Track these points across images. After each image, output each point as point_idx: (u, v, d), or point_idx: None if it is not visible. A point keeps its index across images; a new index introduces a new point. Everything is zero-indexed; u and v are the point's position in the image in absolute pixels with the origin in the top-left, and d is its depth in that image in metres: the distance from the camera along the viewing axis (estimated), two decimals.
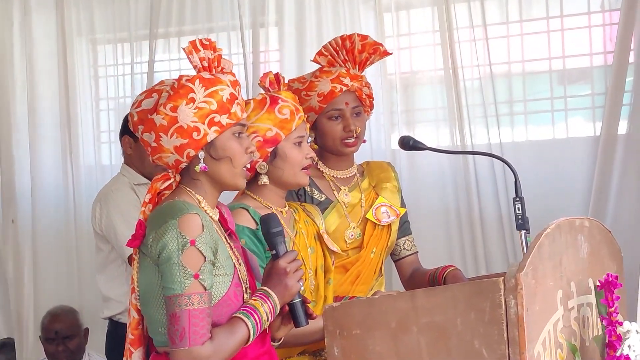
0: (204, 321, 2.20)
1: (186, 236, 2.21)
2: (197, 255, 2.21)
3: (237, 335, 2.25)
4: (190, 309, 2.18)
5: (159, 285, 2.23)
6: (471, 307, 2.16)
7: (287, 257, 2.37)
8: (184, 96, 2.29)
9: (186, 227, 2.21)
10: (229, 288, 2.29)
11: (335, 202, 3.10)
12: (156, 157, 2.35)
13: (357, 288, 3.05)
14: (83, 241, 5.16)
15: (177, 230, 2.21)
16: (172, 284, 2.20)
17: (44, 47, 5.34)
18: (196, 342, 2.18)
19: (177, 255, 2.20)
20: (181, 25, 5.10)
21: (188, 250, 2.20)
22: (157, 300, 2.25)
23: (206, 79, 2.32)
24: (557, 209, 4.06)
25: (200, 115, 2.29)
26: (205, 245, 2.23)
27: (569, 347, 2.29)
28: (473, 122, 4.53)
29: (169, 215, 2.24)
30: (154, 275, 2.25)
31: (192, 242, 2.21)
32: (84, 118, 5.32)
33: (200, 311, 2.19)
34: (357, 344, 2.35)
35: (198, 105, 2.29)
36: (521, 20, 4.55)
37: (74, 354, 4.69)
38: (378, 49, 3.14)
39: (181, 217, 2.22)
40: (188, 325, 2.18)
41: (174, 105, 2.28)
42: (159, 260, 2.22)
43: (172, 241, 2.21)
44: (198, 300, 2.19)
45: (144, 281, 2.29)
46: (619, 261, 2.66)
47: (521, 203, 2.77)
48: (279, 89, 2.83)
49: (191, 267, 2.20)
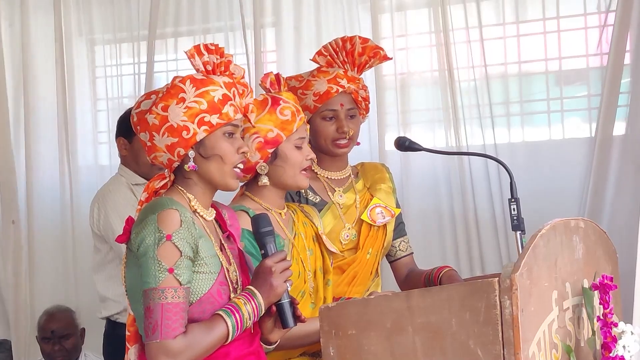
0: (177, 315, 2.21)
1: (163, 231, 2.23)
2: (172, 250, 2.23)
3: (214, 333, 2.26)
4: (163, 302, 2.20)
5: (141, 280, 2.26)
6: (466, 307, 2.17)
7: (275, 257, 2.37)
8: (175, 96, 2.32)
9: (164, 222, 2.24)
10: (212, 286, 2.31)
11: (330, 203, 3.10)
12: (152, 157, 2.39)
13: (353, 289, 3.05)
14: (81, 241, 5.16)
15: (155, 225, 2.24)
16: (148, 278, 2.23)
17: (42, 48, 5.35)
18: (168, 336, 2.20)
19: (153, 249, 2.23)
20: (179, 26, 5.12)
21: (164, 244, 2.23)
22: (140, 296, 2.27)
23: (198, 79, 2.35)
24: (552, 210, 4.07)
25: (189, 114, 2.31)
26: (182, 241, 2.25)
27: (564, 348, 2.30)
28: (468, 124, 4.55)
29: (150, 210, 2.27)
30: (137, 271, 2.28)
31: (168, 237, 2.23)
32: (82, 118, 5.33)
33: (173, 305, 2.21)
34: (353, 344, 2.35)
35: (188, 105, 2.32)
36: (517, 22, 4.56)
37: (70, 354, 4.68)
38: (378, 52, 3.14)
39: (160, 212, 2.25)
40: (160, 319, 2.20)
41: (165, 104, 2.32)
42: (138, 254, 2.26)
43: (150, 235, 2.24)
44: (172, 295, 2.21)
45: (130, 277, 2.32)
46: (614, 262, 2.67)
47: (517, 204, 2.78)
48: (279, 89, 2.83)
49: (166, 261, 2.22)
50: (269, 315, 2.40)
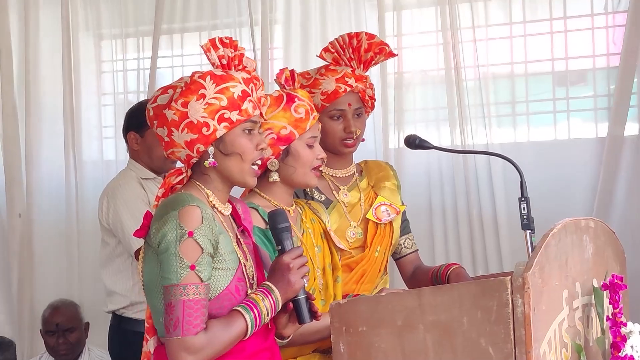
0: (199, 312, 2.22)
1: (185, 227, 2.23)
2: (194, 247, 2.24)
3: (233, 329, 2.27)
4: (185, 299, 2.21)
5: (160, 276, 2.26)
6: (478, 305, 2.18)
7: (292, 253, 2.38)
8: (195, 92, 2.32)
9: (186, 218, 2.24)
10: (230, 282, 2.31)
11: (335, 202, 3.10)
12: (169, 152, 2.38)
13: (362, 287, 3.05)
14: (86, 236, 5.18)
15: (176, 221, 2.24)
16: (169, 274, 2.23)
17: (49, 42, 5.36)
18: (189, 332, 2.20)
19: (175, 245, 2.23)
20: (186, 22, 5.12)
21: (186, 241, 2.23)
22: (158, 291, 2.28)
23: (218, 75, 2.34)
24: (557, 209, 4.09)
25: (210, 111, 2.31)
26: (204, 237, 2.25)
27: (574, 347, 2.31)
28: (474, 123, 4.55)
29: (170, 206, 2.27)
30: (155, 266, 2.28)
31: (190, 234, 2.23)
32: (88, 113, 5.34)
33: (195, 302, 2.21)
34: (363, 341, 2.36)
35: (208, 101, 2.31)
36: (524, 22, 4.57)
37: (74, 347, 4.69)
38: (384, 49, 3.13)
39: (182, 209, 2.25)
40: (182, 315, 2.20)
41: (185, 100, 2.32)
42: (159, 250, 2.25)
43: (171, 232, 2.24)
44: (193, 291, 2.22)
45: (148, 271, 2.32)
46: (622, 262, 2.68)
47: (527, 203, 2.78)
48: (293, 86, 2.84)
49: (188, 258, 2.23)
50: (284, 311, 2.41)
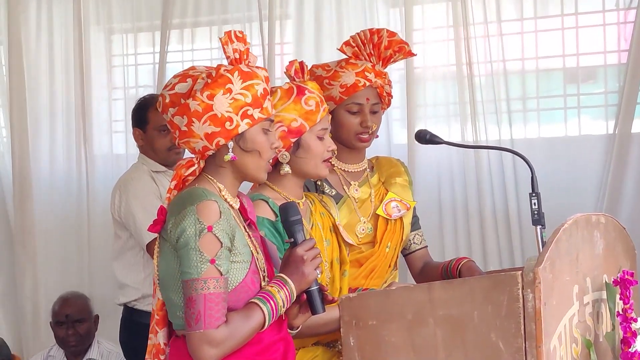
0: (220, 305, 2.24)
1: (204, 222, 2.25)
2: (213, 241, 2.25)
3: (252, 320, 2.29)
4: (206, 293, 2.22)
5: (177, 270, 2.28)
6: (488, 300, 2.18)
7: (305, 245, 2.40)
8: (222, 85, 2.32)
9: (204, 213, 2.25)
10: (246, 275, 2.33)
11: (345, 197, 3.10)
12: (183, 141, 2.37)
13: (371, 282, 3.05)
14: (96, 230, 5.19)
15: (195, 216, 2.25)
16: (189, 269, 2.24)
17: (60, 37, 5.37)
18: (211, 326, 2.22)
19: (195, 240, 2.24)
20: (196, 17, 5.13)
21: (205, 235, 2.24)
22: (175, 285, 2.29)
23: (244, 71, 2.36)
24: (567, 205, 4.09)
25: (235, 106, 2.33)
26: (222, 232, 2.27)
27: (584, 342, 2.31)
28: (485, 119, 4.55)
29: (188, 201, 2.28)
30: (172, 260, 2.29)
31: (209, 228, 2.25)
32: (98, 107, 5.35)
33: (216, 295, 2.23)
34: (373, 335, 2.37)
35: (234, 97, 2.32)
36: (536, 17, 4.56)
37: (83, 339, 4.69)
38: (403, 47, 3.14)
39: (200, 204, 2.26)
40: (204, 309, 2.22)
41: (211, 93, 2.32)
42: (177, 245, 2.27)
43: (190, 227, 2.25)
44: (214, 285, 2.23)
45: (164, 266, 2.33)
46: (633, 258, 2.68)
47: (537, 198, 2.78)
48: (303, 78, 2.84)
49: (208, 252, 2.24)
50: (297, 302, 2.43)
